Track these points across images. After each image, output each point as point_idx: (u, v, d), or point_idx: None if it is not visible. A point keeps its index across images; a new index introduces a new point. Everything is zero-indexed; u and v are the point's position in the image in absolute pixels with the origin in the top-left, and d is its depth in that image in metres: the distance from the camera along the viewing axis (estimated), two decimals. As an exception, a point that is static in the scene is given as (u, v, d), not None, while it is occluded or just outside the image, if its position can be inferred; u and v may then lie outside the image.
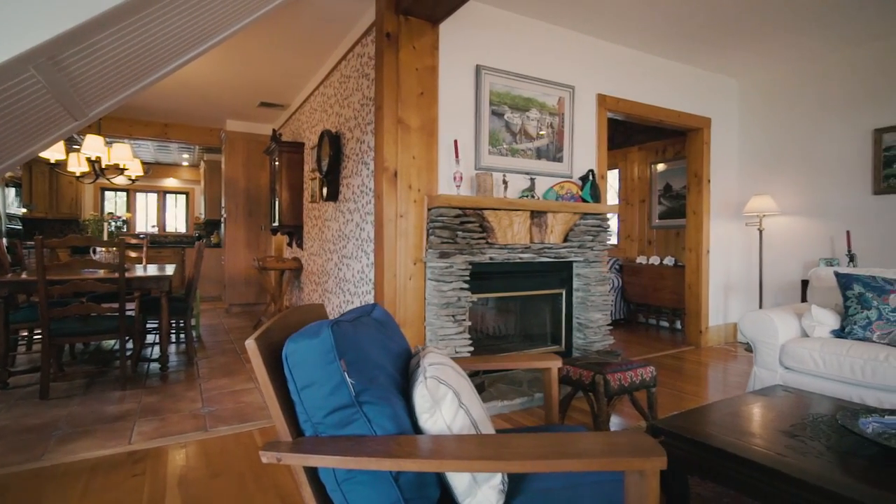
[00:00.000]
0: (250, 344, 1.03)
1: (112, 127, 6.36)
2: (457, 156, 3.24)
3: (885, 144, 4.11)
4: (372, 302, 3.36)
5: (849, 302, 2.80)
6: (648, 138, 6.36)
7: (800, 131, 4.68)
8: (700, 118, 4.83)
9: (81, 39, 1.60)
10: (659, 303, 5.71)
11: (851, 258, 4.23)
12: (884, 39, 4.08)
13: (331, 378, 1.03)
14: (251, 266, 6.66)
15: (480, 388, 3.06)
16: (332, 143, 4.09)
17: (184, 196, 9.72)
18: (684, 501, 1.82)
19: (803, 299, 4.41)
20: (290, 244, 5.86)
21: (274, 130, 5.37)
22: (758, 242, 4.94)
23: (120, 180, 5.93)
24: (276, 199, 5.36)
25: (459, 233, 3.13)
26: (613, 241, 7.00)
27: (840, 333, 2.79)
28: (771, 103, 4.91)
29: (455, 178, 3.20)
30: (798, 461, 1.52)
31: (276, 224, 5.42)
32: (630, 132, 6.50)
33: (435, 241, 3.09)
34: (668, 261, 5.75)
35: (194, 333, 4.92)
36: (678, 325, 5.69)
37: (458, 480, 1.14)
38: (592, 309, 3.70)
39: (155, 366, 3.93)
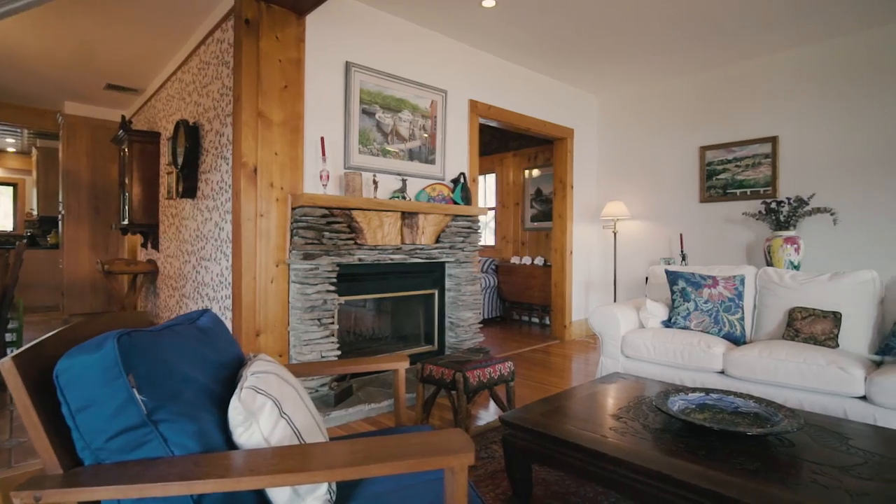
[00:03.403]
0: (6, 364, 0.87)
1: None
2: (323, 154, 3.13)
3: (707, 160, 4.80)
4: (230, 307, 3.13)
5: (675, 296, 3.20)
6: (522, 145, 6.76)
7: (646, 145, 5.29)
8: (564, 128, 5.23)
9: None
10: (531, 300, 6.08)
11: (684, 257, 4.88)
12: (706, 71, 4.76)
13: (115, 396, 0.91)
14: (97, 270, 5.84)
15: (348, 393, 2.99)
16: (189, 135, 3.73)
17: (10, 188, 8.24)
18: (527, 487, 1.93)
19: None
20: (144, 245, 5.24)
21: (123, 117, 4.77)
22: (612, 244, 5.49)
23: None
24: (127, 194, 4.76)
25: (326, 233, 3.03)
26: (490, 242, 7.32)
27: (668, 323, 3.18)
28: (623, 118, 5.48)
29: (321, 177, 3.09)
30: (618, 441, 1.68)
31: (127, 223, 4.82)
32: (505, 138, 6.85)
33: (299, 241, 2.95)
34: (539, 261, 6.16)
35: (12, 350, 4.17)
36: (547, 320, 6.11)
37: (279, 495, 1.08)
38: (463, 308, 3.81)
39: (-47, 392, 3.26)
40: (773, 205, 4.09)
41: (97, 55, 4.37)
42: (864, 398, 2.24)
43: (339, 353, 3.07)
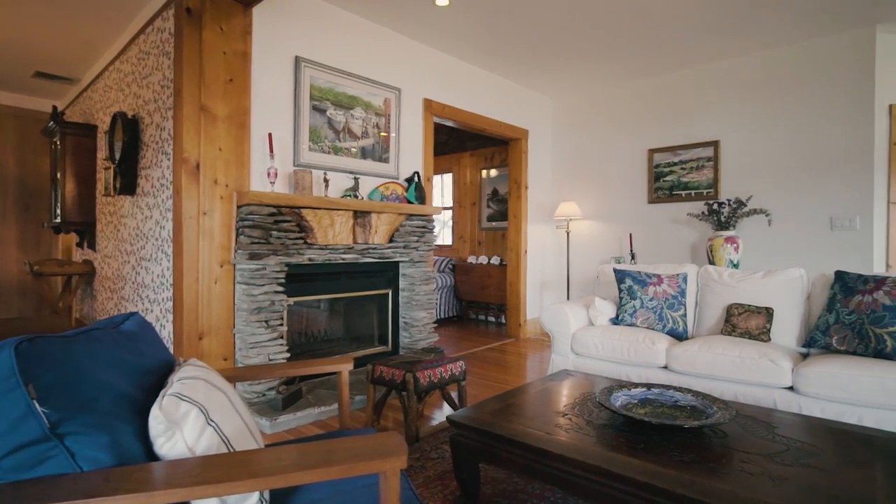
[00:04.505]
0: None
1: None
2: (271, 150, 3.03)
3: (655, 163, 4.97)
4: (171, 309, 2.98)
5: (622, 293, 3.30)
6: (479, 145, 6.80)
7: (597, 146, 5.43)
8: (519, 129, 5.30)
9: None
10: (487, 300, 6.13)
11: (633, 256, 5.03)
12: (654, 76, 4.93)
13: (10, 410, 0.83)
14: (25, 272, 5.45)
15: (297, 396, 2.91)
16: (127, 128, 3.53)
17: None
18: (475, 487, 1.93)
19: (599, 292, 5.12)
20: (80, 245, 4.94)
21: (55, 108, 4.47)
22: (566, 243, 5.60)
23: None
24: (59, 190, 4.46)
25: (274, 232, 2.93)
26: (448, 241, 7.33)
27: (616, 321, 3.27)
28: (577, 121, 5.60)
29: (269, 175, 2.99)
30: (561, 438, 1.70)
31: (60, 220, 4.51)
32: (463, 138, 6.87)
33: (245, 241, 2.85)
34: (495, 260, 6.21)
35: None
36: (503, 319, 6.17)
37: (205, 507, 1.02)
38: (418, 308, 3.79)
39: None
40: (715, 206, 4.28)
41: (25, 39, 4.07)
42: (791, 388, 2.37)
43: (287, 355, 2.98)
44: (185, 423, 1.02)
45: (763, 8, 3.50)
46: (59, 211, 4.49)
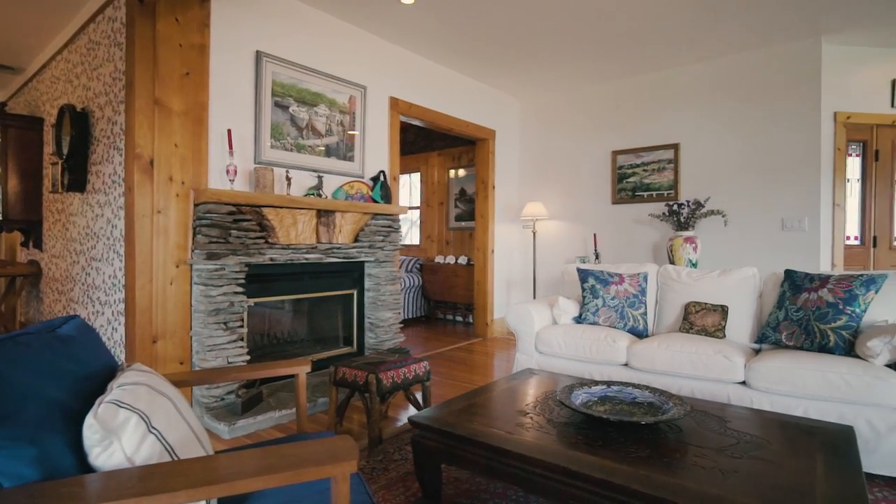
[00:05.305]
0: None
1: None
2: (231, 147, 2.94)
3: (619, 164, 5.08)
4: (123, 312, 2.85)
5: (585, 293, 3.35)
6: (447, 145, 6.80)
7: (564, 148, 5.50)
8: (486, 130, 5.32)
9: None
10: (454, 299, 6.13)
11: (597, 256, 5.13)
12: (618, 79, 5.04)
13: (-78, 422, 0.77)
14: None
15: (257, 400, 2.84)
16: (76, 122, 3.36)
17: None
18: (437, 488, 1.92)
19: (564, 291, 5.18)
20: (25, 244, 4.67)
21: (-3, 99, 4.22)
22: (532, 243, 5.66)
23: None
24: (1, 186, 4.21)
25: (233, 231, 2.85)
26: (416, 241, 7.30)
27: (579, 320, 3.31)
28: (543, 122, 5.67)
29: (228, 172, 2.90)
30: (521, 437, 1.70)
31: (1, 218, 4.26)
32: (431, 138, 6.86)
33: (202, 240, 2.75)
34: (462, 260, 6.23)
35: None
36: (470, 318, 6.19)
37: (145, 520, 0.97)
38: (383, 308, 3.75)
39: None
40: (675, 207, 4.40)
41: (-38, 27, 3.83)
42: (744, 383, 2.45)
43: (248, 357, 2.90)
44: (124, 431, 0.97)
45: (719, 18, 3.61)
46: (0, 208, 4.23)
